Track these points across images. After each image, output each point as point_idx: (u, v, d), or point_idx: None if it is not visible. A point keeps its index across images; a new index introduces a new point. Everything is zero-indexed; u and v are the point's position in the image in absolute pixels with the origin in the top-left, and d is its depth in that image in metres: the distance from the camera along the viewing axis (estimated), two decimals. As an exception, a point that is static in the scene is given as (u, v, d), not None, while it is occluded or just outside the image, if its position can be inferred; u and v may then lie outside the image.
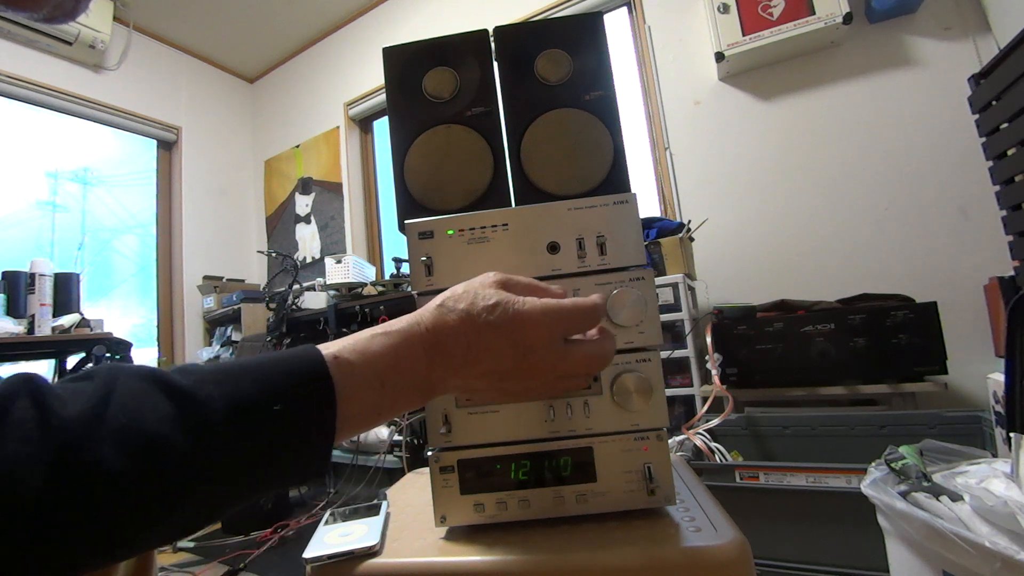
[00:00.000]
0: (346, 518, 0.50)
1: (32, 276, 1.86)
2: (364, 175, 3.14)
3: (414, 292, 0.47)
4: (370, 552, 0.42)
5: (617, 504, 0.45)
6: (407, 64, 0.54)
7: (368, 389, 0.31)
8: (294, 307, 2.24)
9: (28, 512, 0.21)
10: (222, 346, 2.79)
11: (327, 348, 0.32)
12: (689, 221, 1.74)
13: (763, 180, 1.86)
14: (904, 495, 0.61)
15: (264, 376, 0.29)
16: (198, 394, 0.26)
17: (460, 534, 0.45)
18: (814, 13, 1.67)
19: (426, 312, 0.35)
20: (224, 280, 3.01)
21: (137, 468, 0.23)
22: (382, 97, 2.89)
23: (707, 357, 1.31)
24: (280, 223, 3.35)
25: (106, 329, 1.97)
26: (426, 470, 0.52)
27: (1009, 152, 0.97)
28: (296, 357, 0.30)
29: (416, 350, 0.33)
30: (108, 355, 1.85)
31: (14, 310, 1.82)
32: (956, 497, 0.57)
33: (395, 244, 3.03)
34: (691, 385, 1.50)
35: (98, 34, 2.58)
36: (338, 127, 3.10)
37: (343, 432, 0.30)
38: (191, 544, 1.60)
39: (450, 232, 0.47)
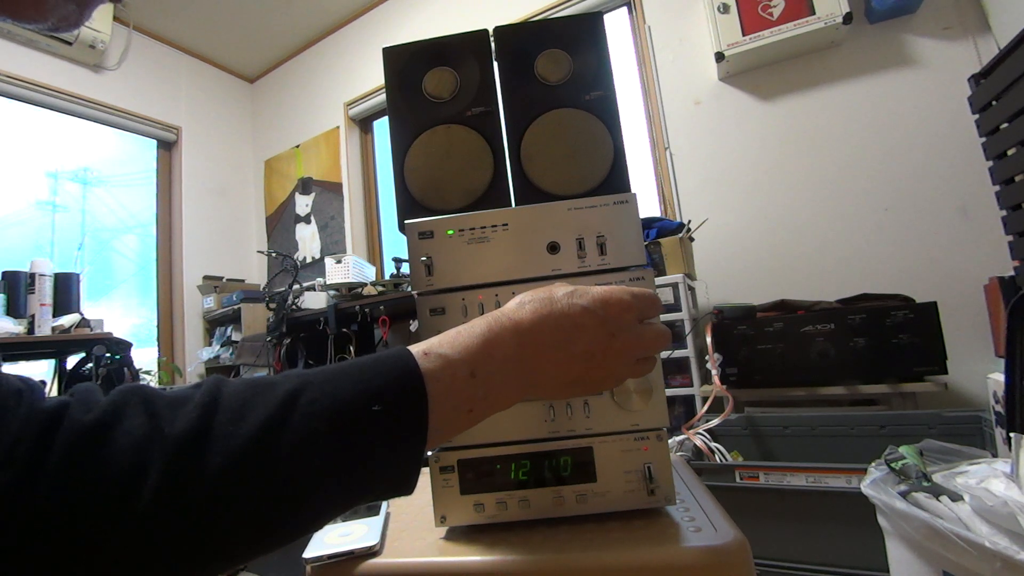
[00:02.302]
0: (346, 518, 0.50)
1: (32, 276, 1.86)
2: (364, 175, 3.14)
3: (414, 292, 0.47)
4: (370, 552, 0.42)
5: (617, 504, 0.45)
6: (407, 64, 0.54)
7: (459, 380, 0.31)
8: (294, 307, 2.24)
9: (142, 518, 0.21)
10: (222, 346, 2.80)
11: (417, 346, 0.32)
12: (689, 221, 1.74)
13: (763, 180, 1.86)
14: (904, 495, 0.61)
15: (363, 377, 0.29)
16: (301, 397, 0.27)
17: (460, 534, 0.45)
18: (814, 13, 1.67)
19: (506, 306, 0.36)
20: (224, 280, 3.01)
21: (246, 474, 0.24)
22: (382, 97, 2.89)
23: (707, 357, 1.31)
24: (280, 223, 3.35)
25: (106, 329, 1.97)
26: (426, 470, 0.52)
27: (1009, 152, 0.97)
28: (387, 356, 0.31)
29: (503, 336, 0.33)
30: (108, 355, 1.85)
31: (14, 310, 1.82)
32: (956, 497, 0.57)
33: (395, 244, 3.03)
34: (691, 385, 1.50)
35: (98, 34, 2.58)
36: (338, 127, 3.10)
37: (437, 430, 0.30)
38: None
39: (450, 232, 0.47)
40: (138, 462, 0.22)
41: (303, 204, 3.23)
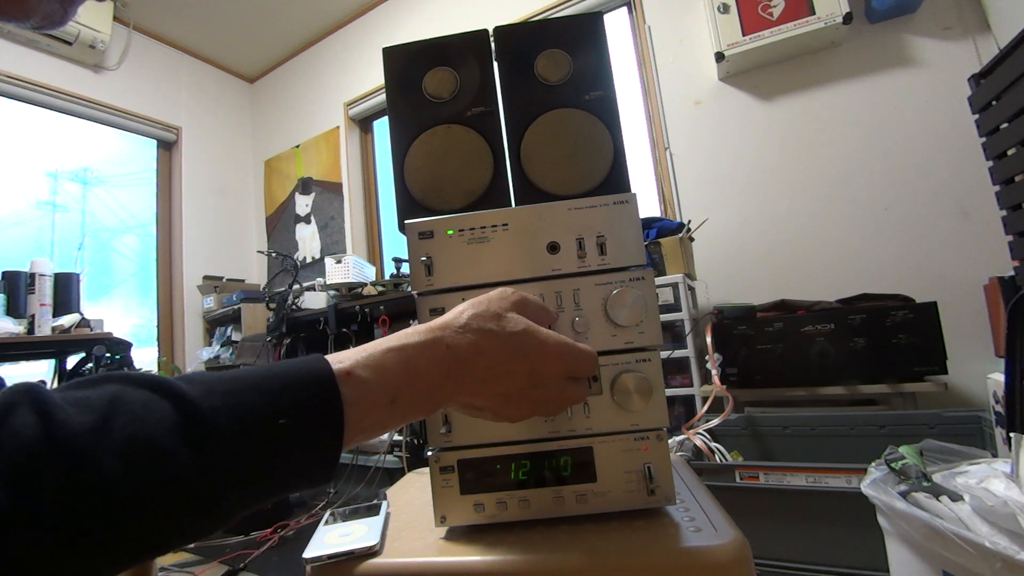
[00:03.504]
0: (346, 518, 0.50)
1: (32, 276, 1.86)
2: (364, 175, 3.14)
3: (414, 292, 0.47)
4: (370, 552, 0.42)
5: (617, 504, 0.45)
6: (407, 64, 0.54)
7: (378, 406, 0.31)
8: (294, 307, 2.24)
9: (33, 521, 0.20)
10: (222, 346, 2.79)
11: (338, 362, 0.31)
12: (689, 221, 1.74)
13: (763, 180, 1.86)
14: (904, 495, 0.61)
15: (271, 389, 0.28)
16: (203, 406, 0.26)
17: (460, 534, 0.45)
18: (814, 13, 1.67)
19: (449, 331, 0.35)
20: (224, 280, 3.01)
21: (142, 479, 0.23)
22: (382, 97, 2.89)
23: (707, 357, 1.31)
24: (280, 223, 3.35)
25: (106, 329, 1.97)
26: (426, 470, 0.52)
27: (1009, 152, 0.97)
28: (305, 370, 0.30)
29: (432, 368, 0.34)
30: (108, 355, 1.85)
31: (14, 310, 1.82)
32: (956, 497, 0.57)
33: (395, 244, 3.03)
34: (691, 385, 1.50)
35: (98, 34, 2.58)
36: (338, 127, 3.10)
37: (348, 445, 0.31)
38: (191, 544, 1.60)
39: (450, 232, 0.47)
40: (29, 463, 0.21)
41: (303, 204, 3.23)
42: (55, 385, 1.93)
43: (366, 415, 0.31)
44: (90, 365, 1.84)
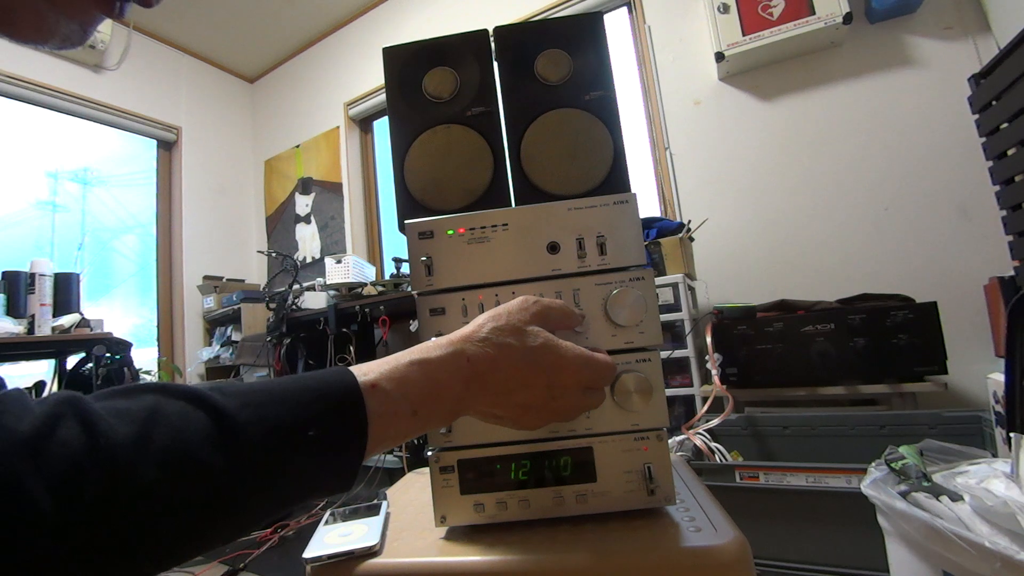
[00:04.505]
0: (346, 518, 0.50)
1: (32, 276, 1.86)
2: (364, 175, 3.14)
3: (414, 292, 0.48)
4: (370, 552, 0.42)
5: (617, 504, 0.45)
6: (407, 64, 0.54)
7: (400, 417, 0.33)
8: (294, 307, 2.24)
9: (77, 528, 0.21)
10: (222, 346, 2.79)
11: (363, 374, 0.32)
12: (689, 221, 1.74)
13: (763, 180, 1.86)
14: (904, 495, 0.60)
15: (301, 401, 0.30)
16: (238, 417, 0.27)
17: (460, 534, 0.45)
18: (814, 13, 1.67)
19: (470, 343, 0.36)
20: (224, 280, 3.01)
21: (180, 488, 0.24)
22: (382, 97, 2.89)
23: (707, 357, 1.31)
24: (280, 223, 3.35)
25: (106, 329, 1.97)
26: (426, 470, 0.52)
27: (1009, 152, 0.97)
28: (333, 383, 0.31)
29: (454, 381, 0.35)
30: (108, 355, 1.85)
31: (14, 310, 1.82)
32: (956, 497, 0.57)
33: (395, 244, 3.03)
34: (691, 385, 1.50)
35: (98, 34, 2.58)
36: (338, 127, 3.10)
37: (370, 454, 0.32)
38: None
39: (450, 232, 0.47)
40: (74, 473, 0.22)
41: (303, 204, 3.24)
42: (55, 386, 1.94)
43: (389, 426, 0.32)
44: (90, 365, 1.84)
